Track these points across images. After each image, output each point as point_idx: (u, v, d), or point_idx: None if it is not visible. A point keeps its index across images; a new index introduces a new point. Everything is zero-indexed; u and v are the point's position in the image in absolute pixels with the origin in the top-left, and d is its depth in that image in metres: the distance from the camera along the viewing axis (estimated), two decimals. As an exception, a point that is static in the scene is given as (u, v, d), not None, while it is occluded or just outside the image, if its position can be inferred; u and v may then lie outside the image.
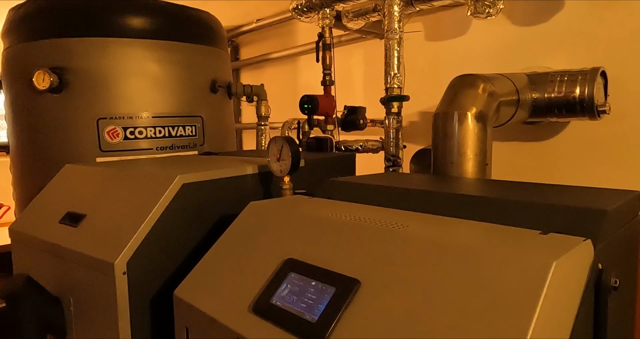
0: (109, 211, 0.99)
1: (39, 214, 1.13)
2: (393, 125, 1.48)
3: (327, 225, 0.74)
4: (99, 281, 0.89)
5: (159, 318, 0.91)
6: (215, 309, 0.71)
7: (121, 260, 0.86)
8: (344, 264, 0.65)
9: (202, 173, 1.02)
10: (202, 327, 0.73)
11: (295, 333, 0.59)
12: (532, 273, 0.50)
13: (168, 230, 0.93)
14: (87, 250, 0.92)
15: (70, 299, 0.98)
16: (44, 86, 1.54)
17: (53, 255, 1.01)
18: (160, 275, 0.92)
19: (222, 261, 0.81)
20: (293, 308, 0.62)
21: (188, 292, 0.78)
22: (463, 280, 0.54)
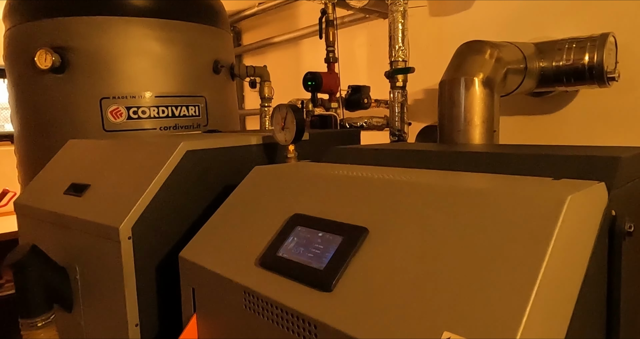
0: (113, 180, 0.98)
1: (43, 187, 1.13)
2: (398, 99, 1.46)
3: (333, 181, 0.72)
4: (105, 247, 0.88)
5: (165, 284, 0.91)
6: (221, 266, 0.70)
7: (126, 224, 0.85)
8: (351, 215, 0.63)
9: (206, 141, 1.01)
10: (208, 285, 0.72)
11: (302, 282, 0.58)
12: (545, 208, 0.48)
13: (172, 197, 0.93)
14: (92, 217, 0.91)
15: (77, 268, 0.98)
16: (46, 65, 1.53)
17: (58, 225, 1.01)
18: (166, 241, 0.91)
19: (228, 222, 0.80)
20: (300, 258, 0.61)
21: (193, 253, 0.78)
22: (472, 221, 0.52)
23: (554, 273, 0.46)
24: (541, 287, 0.44)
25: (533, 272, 0.44)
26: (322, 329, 0.52)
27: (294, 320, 0.56)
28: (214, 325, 0.72)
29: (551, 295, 0.45)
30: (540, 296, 0.44)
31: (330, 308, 0.53)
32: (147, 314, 0.88)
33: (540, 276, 0.44)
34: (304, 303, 0.55)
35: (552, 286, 0.46)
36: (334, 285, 0.55)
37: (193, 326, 0.77)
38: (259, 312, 0.61)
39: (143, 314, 0.88)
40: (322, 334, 0.52)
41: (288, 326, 0.57)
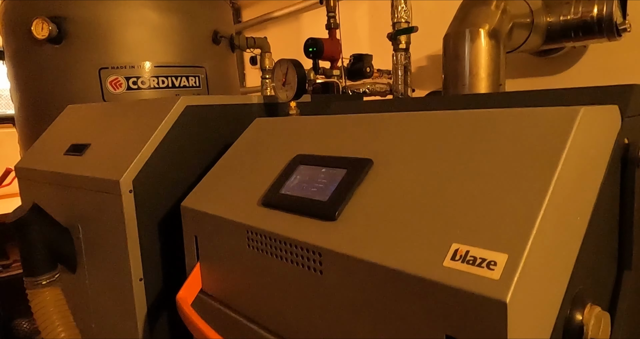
0: (113, 138, 0.97)
1: (43, 150, 1.12)
2: (401, 61, 1.43)
3: (336, 122, 0.70)
4: (107, 203, 0.87)
5: (167, 239, 0.90)
6: (224, 210, 0.69)
7: (127, 177, 0.84)
8: (354, 150, 0.62)
9: (206, 97, 0.99)
10: (211, 231, 0.71)
11: (306, 214, 0.57)
12: (556, 121, 0.46)
13: (173, 152, 0.91)
14: (93, 172, 0.90)
15: (79, 227, 0.97)
16: (42, 35, 1.51)
17: (59, 185, 1.00)
18: (167, 196, 0.90)
19: (229, 171, 0.78)
20: (303, 193, 0.60)
21: (195, 201, 0.76)
22: (479, 143, 0.51)
23: (565, 189, 0.44)
24: (552, 201, 0.42)
25: (543, 185, 0.43)
26: (328, 257, 0.51)
27: (299, 251, 0.55)
28: (218, 271, 0.71)
29: (562, 211, 0.44)
30: (551, 210, 0.42)
31: (335, 235, 0.52)
32: (150, 268, 0.87)
33: (551, 190, 0.42)
34: (309, 234, 0.54)
35: (563, 203, 0.44)
36: (338, 214, 0.54)
37: (197, 274, 0.76)
38: (263, 249, 0.60)
39: (147, 269, 0.87)
40: (328, 261, 0.51)
41: (292, 258, 0.56)
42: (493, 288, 0.37)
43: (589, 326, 0.47)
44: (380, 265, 0.45)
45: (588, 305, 0.48)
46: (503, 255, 0.38)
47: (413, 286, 0.42)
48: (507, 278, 0.37)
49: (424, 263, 0.42)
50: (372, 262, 0.46)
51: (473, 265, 0.39)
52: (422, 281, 0.41)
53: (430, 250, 0.43)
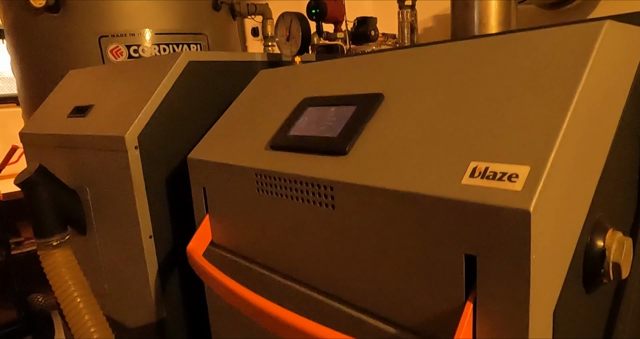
0: (116, 98, 0.95)
1: (46, 115, 1.11)
2: (407, 18, 1.39)
3: (343, 64, 0.68)
4: (113, 161, 0.86)
5: (175, 196, 0.89)
6: (231, 157, 0.68)
7: (131, 133, 0.82)
8: (363, 88, 0.60)
9: (208, 53, 0.97)
10: (219, 180, 0.70)
11: (315, 152, 0.55)
12: (578, 38, 0.44)
13: (177, 108, 0.89)
14: (97, 131, 0.89)
15: (87, 189, 0.96)
16: (40, 3, 1.48)
17: (65, 147, 0.99)
18: (173, 152, 0.89)
19: (235, 121, 0.77)
20: (312, 133, 0.58)
21: (202, 152, 0.75)
22: (494, 66, 0.48)
23: (588, 107, 0.42)
24: (574, 116, 0.40)
25: (566, 98, 0.40)
26: (340, 190, 0.49)
27: (310, 188, 0.53)
28: (228, 221, 0.70)
29: (585, 129, 0.42)
30: (574, 125, 0.40)
31: (347, 168, 0.50)
32: (160, 226, 0.87)
33: (574, 104, 0.40)
34: (319, 170, 0.53)
35: (586, 120, 0.42)
36: (349, 149, 0.52)
37: (206, 226, 0.75)
38: (273, 191, 0.59)
39: (156, 226, 0.86)
40: (340, 194, 0.50)
41: (303, 196, 0.54)
42: (516, 199, 0.35)
43: (611, 251, 0.45)
44: (394, 190, 0.43)
45: (610, 230, 0.47)
46: (525, 167, 0.37)
47: (430, 208, 0.41)
48: (530, 189, 0.35)
49: (441, 184, 0.40)
50: (386, 188, 0.44)
51: (493, 179, 0.37)
52: (440, 201, 0.40)
53: (447, 171, 0.41)
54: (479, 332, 0.40)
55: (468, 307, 0.39)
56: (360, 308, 0.51)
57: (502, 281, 0.37)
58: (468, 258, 0.39)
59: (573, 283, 0.44)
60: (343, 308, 0.52)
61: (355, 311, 0.51)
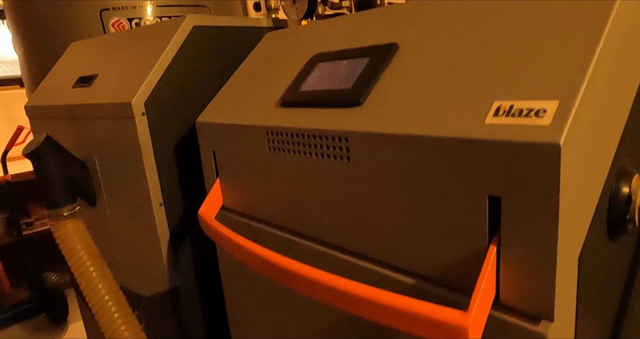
0: (120, 65, 0.93)
1: (50, 87, 1.09)
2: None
3: (353, 19, 0.66)
4: (120, 129, 0.85)
5: (184, 164, 0.88)
6: (241, 117, 0.66)
7: (138, 99, 0.81)
8: (377, 39, 0.57)
9: (213, 17, 0.94)
10: (229, 142, 0.69)
11: (328, 105, 0.54)
12: None
13: (183, 74, 0.88)
14: (103, 99, 0.87)
15: (95, 159, 0.96)
16: (38, -24, 1.45)
17: (71, 118, 0.98)
18: (181, 119, 0.88)
19: (243, 83, 0.75)
20: (324, 87, 0.56)
21: (211, 115, 0.74)
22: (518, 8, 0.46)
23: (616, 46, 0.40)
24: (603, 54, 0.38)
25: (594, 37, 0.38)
26: (355, 140, 0.48)
27: (323, 142, 0.52)
28: (239, 183, 0.69)
29: (612, 69, 0.40)
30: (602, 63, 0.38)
31: (362, 118, 0.49)
32: (170, 193, 0.86)
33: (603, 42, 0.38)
34: (333, 122, 0.51)
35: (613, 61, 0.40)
36: (363, 99, 0.50)
37: (217, 190, 0.74)
38: (285, 149, 0.58)
39: (166, 194, 0.86)
40: (355, 145, 0.48)
41: (317, 151, 0.53)
42: (544, 133, 0.34)
43: (638, 195, 0.44)
44: (413, 136, 0.42)
45: (636, 176, 0.45)
46: (553, 102, 0.35)
47: (452, 151, 0.39)
48: (559, 123, 0.34)
49: (463, 125, 0.39)
50: (405, 134, 0.43)
51: (519, 116, 0.36)
52: (463, 143, 0.38)
53: (469, 112, 0.40)
54: (503, 277, 0.39)
55: (491, 251, 0.38)
56: (378, 261, 0.50)
57: (528, 222, 0.36)
58: (492, 200, 0.38)
59: (598, 229, 0.42)
60: (360, 262, 0.51)
61: (373, 265, 0.50)
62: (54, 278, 2.29)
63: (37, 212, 2.58)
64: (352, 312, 0.43)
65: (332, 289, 0.44)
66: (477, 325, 0.37)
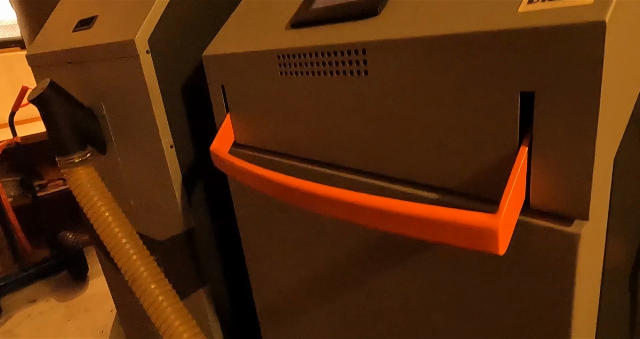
0: (120, 4, 0.89)
1: (51, 34, 1.06)
2: None
3: None
4: (125, 69, 0.83)
5: (193, 106, 0.86)
6: (249, 45, 0.63)
7: (141, 36, 0.78)
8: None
9: (213, -51, 0.89)
10: (238, 73, 0.66)
11: (341, 20, 0.51)
12: None
13: (187, 8, 0.83)
14: (105, 39, 0.84)
15: (102, 104, 0.94)
16: None
17: (74, 63, 0.95)
18: (186, 57, 0.85)
19: (250, 13, 0.71)
20: (337, 2, 0.53)
21: (218, 48, 0.71)
22: None
23: None
24: None
25: None
26: (373, 51, 0.45)
27: (338, 58, 0.49)
28: (250, 116, 0.67)
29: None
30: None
31: (380, 27, 0.46)
32: (180, 135, 0.85)
33: None
34: (348, 35, 0.48)
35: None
36: (380, 8, 0.47)
37: (228, 126, 0.72)
38: (297, 71, 0.55)
39: (176, 136, 0.84)
40: (374, 56, 0.45)
41: (332, 69, 0.50)
42: (587, 12, 0.31)
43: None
44: (436, 36, 0.39)
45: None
46: (595, -20, 0.32)
47: (480, 48, 0.37)
48: (603, 1, 0.31)
49: (493, 18, 0.36)
50: (426, 36, 0.40)
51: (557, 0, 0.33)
52: (493, 37, 0.35)
53: (499, 4, 0.37)
54: (534, 180, 0.37)
55: (522, 152, 0.36)
56: (401, 180, 0.48)
57: (564, 117, 0.34)
58: (524, 97, 0.35)
59: (634, 129, 0.40)
60: (383, 183, 0.50)
61: (396, 184, 0.48)
62: (70, 236, 2.34)
63: (50, 174, 2.61)
64: (377, 227, 0.42)
65: (356, 205, 0.43)
66: (507, 228, 0.36)
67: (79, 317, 2.04)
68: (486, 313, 0.45)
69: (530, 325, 0.42)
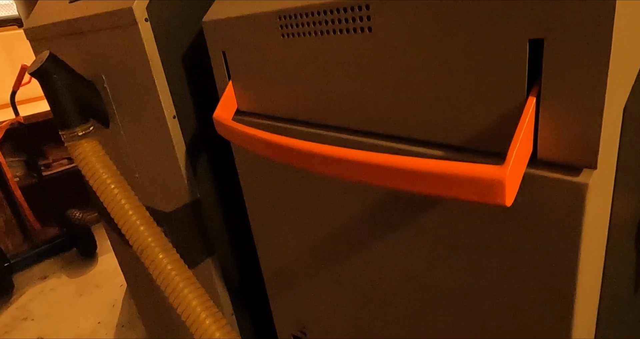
0: (116, -28, 0.87)
1: (47, 6, 1.04)
2: None
3: None
4: (124, 40, 0.81)
5: (194, 74, 0.85)
6: (249, 8, 0.62)
7: (139, 3, 0.76)
8: None
9: None
10: (238, 38, 0.65)
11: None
12: None
13: (184, -24, 0.82)
14: (103, 9, 0.83)
15: (102, 76, 0.93)
16: None
17: (72, 35, 0.94)
18: (187, 25, 0.83)
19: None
20: (339, -42, 0.51)
21: (218, 13, 0.69)
22: None
23: None
24: None
25: None
26: (377, 5, 0.44)
27: (341, 16, 0.48)
28: (253, 82, 0.67)
29: None
30: None
31: (383, -19, 0.44)
32: (182, 105, 0.84)
33: None
34: (351, -9, 0.47)
35: None
36: (384, -39, 0.46)
37: (230, 93, 0.72)
38: (299, 32, 0.54)
39: (178, 106, 0.84)
40: (377, 11, 0.44)
41: (334, 28, 0.49)
42: (599, -50, 0.30)
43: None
44: (444, -14, 0.38)
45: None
46: None
47: (487, -5, 0.35)
48: (616, -62, 0.29)
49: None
50: (434, -14, 0.39)
51: (568, -61, 0.32)
52: (500, -18, 0.34)
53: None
54: (542, 130, 0.37)
55: (530, 102, 0.36)
56: (406, 138, 0.48)
57: (574, 64, 0.33)
58: (532, 45, 0.35)
59: (644, 83, 0.39)
60: (388, 143, 0.49)
61: (402, 144, 0.48)
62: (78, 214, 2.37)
63: (54, 154, 2.62)
64: (384, 184, 0.42)
65: (364, 164, 0.43)
66: (514, 179, 0.35)
67: (90, 292, 2.09)
68: (491, 269, 0.45)
69: (536, 279, 0.42)
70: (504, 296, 0.45)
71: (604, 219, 0.41)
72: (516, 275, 0.43)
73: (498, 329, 0.47)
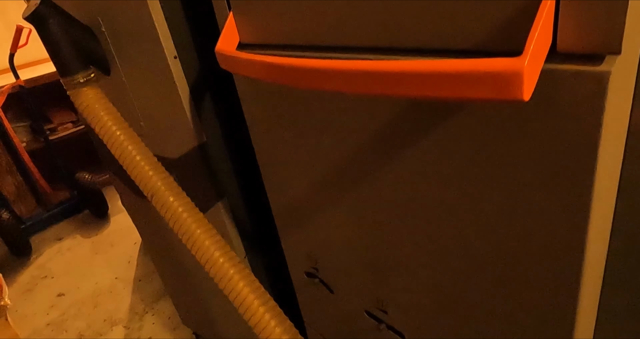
0: None
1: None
2: None
3: None
4: (118, -23, 0.78)
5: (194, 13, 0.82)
6: None
7: None
8: None
9: None
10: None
11: None
12: None
13: None
14: (93, -56, 0.79)
15: (100, 20, 0.90)
16: None
17: (64, -23, 0.91)
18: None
19: None
20: None
21: (213, -63, 0.66)
22: None
23: None
24: None
25: None
26: None
27: None
28: (254, 11, 0.64)
29: None
30: None
31: None
32: (183, 45, 0.82)
33: None
34: None
35: None
36: None
37: (231, 25, 0.69)
38: (301, -55, 0.51)
39: (179, 46, 0.82)
40: None
41: None
42: None
43: None
44: None
45: None
46: None
47: None
48: None
49: None
50: None
51: None
52: None
53: None
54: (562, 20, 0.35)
55: (550, -11, 0.34)
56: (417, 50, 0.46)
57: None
58: None
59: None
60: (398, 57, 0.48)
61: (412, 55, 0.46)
62: (87, 177, 2.39)
63: (58, 117, 2.61)
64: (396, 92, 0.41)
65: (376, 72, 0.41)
66: (532, 71, 0.34)
67: (105, 251, 2.14)
68: (507, 181, 0.44)
69: (553, 187, 0.41)
70: (520, 209, 0.45)
71: (623, 121, 0.39)
72: (532, 185, 0.43)
73: (514, 250, 0.47)
